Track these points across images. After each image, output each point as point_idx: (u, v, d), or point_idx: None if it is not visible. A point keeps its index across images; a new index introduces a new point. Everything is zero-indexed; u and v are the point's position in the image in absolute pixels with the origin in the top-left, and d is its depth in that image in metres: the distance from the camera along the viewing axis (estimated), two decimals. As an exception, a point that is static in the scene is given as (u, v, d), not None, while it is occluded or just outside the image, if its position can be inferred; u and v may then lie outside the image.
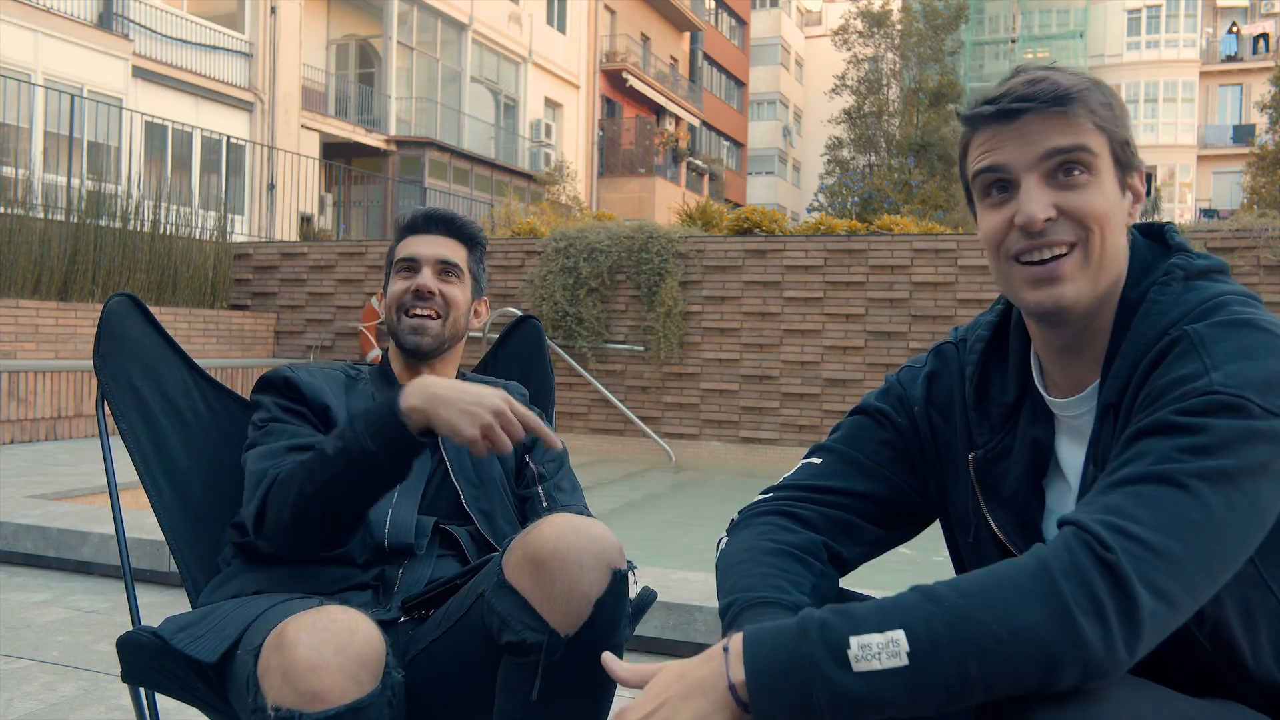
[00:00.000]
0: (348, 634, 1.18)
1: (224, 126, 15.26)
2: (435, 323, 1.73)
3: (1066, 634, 0.85)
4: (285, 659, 1.15)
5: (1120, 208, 1.09)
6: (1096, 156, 1.07)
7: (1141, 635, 0.87)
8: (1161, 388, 0.98)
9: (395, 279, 1.76)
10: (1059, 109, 1.06)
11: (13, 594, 3.56)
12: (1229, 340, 0.98)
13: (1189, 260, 1.09)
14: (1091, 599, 0.86)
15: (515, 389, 1.87)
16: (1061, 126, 1.06)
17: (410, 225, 1.79)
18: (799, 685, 0.87)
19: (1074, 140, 1.06)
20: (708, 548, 1.25)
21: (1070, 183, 1.06)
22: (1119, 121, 1.09)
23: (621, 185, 26.93)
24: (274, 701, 1.15)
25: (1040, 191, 1.06)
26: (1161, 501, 0.90)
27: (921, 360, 1.29)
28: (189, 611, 1.49)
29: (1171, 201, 30.62)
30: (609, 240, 8.96)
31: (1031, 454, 1.14)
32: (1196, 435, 0.92)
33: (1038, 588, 0.87)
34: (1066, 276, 1.06)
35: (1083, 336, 1.10)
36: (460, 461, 1.70)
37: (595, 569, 1.31)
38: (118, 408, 1.65)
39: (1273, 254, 7.35)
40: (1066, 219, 1.06)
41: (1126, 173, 1.10)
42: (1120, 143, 1.09)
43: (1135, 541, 0.88)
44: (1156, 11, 32.56)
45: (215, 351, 9.36)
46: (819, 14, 44.99)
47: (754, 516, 1.22)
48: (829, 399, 8.33)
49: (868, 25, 23.68)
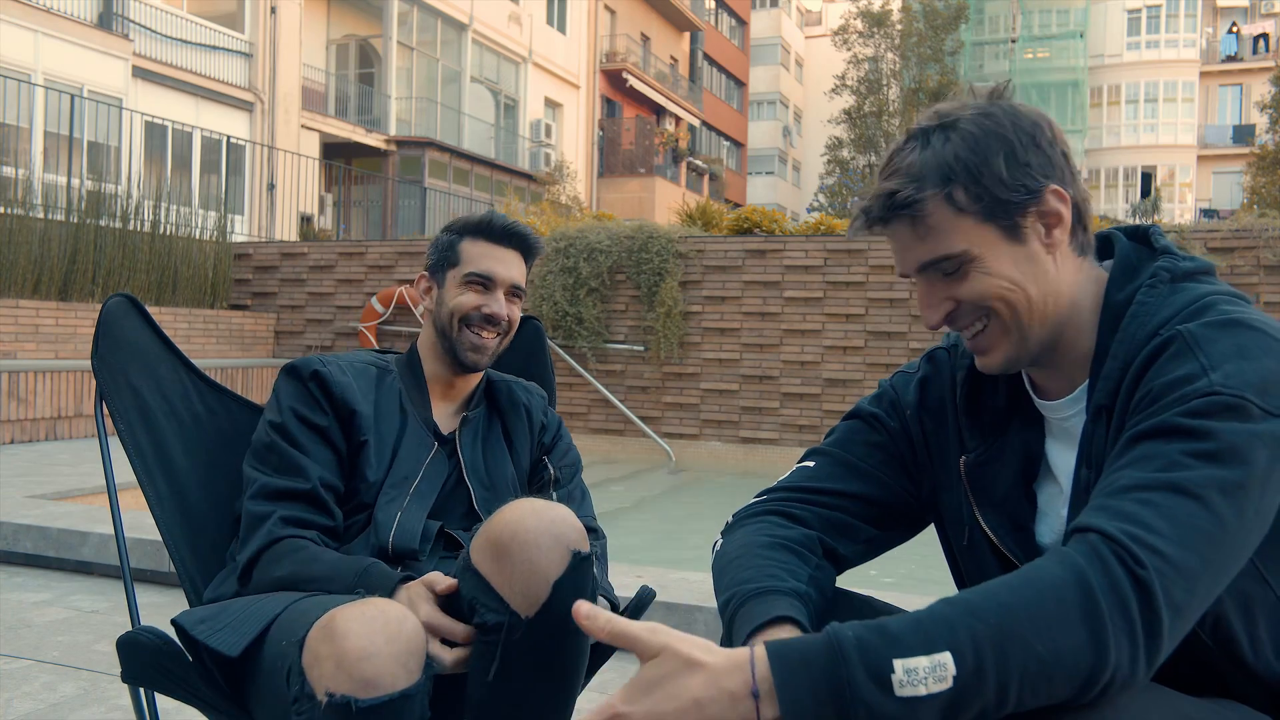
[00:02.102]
0: (397, 623, 1.21)
1: (224, 126, 15.26)
2: (495, 341, 1.74)
3: (1103, 653, 0.84)
4: (338, 647, 1.17)
5: (1022, 260, 1.07)
6: (962, 251, 1.06)
7: (1162, 651, 0.87)
8: (1160, 388, 0.97)
9: (464, 290, 1.72)
10: (908, 219, 1.07)
11: (13, 594, 3.56)
12: (1223, 340, 0.97)
13: (1174, 262, 1.09)
14: (1126, 617, 0.85)
15: (537, 391, 1.88)
16: (916, 237, 1.08)
17: (486, 230, 1.74)
18: (836, 714, 0.83)
19: (932, 252, 1.07)
20: (707, 548, 1.25)
21: (955, 277, 1.08)
22: (986, 180, 1.05)
23: (621, 185, 26.93)
24: (327, 688, 1.17)
25: (930, 293, 1.10)
26: (1177, 513, 0.89)
27: (915, 365, 1.30)
28: (202, 606, 1.49)
29: (1171, 201, 30.61)
30: (609, 240, 8.96)
31: (1022, 458, 1.15)
32: (1202, 440, 0.92)
33: (1079, 605, 0.85)
34: (992, 347, 1.10)
35: (1057, 353, 1.11)
36: (474, 462, 1.71)
37: (553, 550, 1.32)
38: (116, 408, 1.65)
39: (1273, 254, 7.35)
40: (966, 304, 1.09)
41: (1019, 216, 1.06)
42: (990, 205, 1.05)
43: (1160, 557, 0.87)
44: (1156, 11, 32.55)
45: (215, 351, 9.36)
46: (819, 14, 45.00)
47: (748, 517, 1.23)
48: (829, 399, 8.33)
49: (868, 25, 23.72)
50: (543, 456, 1.80)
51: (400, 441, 1.66)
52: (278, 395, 1.63)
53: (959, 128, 1.06)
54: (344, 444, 1.61)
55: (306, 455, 1.57)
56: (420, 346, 1.78)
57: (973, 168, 1.05)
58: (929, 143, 1.07)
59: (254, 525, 1.52)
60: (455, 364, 1.73)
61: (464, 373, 1.75)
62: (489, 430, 1.76)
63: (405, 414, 1.69)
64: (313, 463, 1.57)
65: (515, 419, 1.79)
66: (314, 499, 1.55)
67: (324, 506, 1.56)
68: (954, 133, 1.06)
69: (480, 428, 1.75)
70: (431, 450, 1.68)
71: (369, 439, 1.62)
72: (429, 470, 1.65)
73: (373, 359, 1.75)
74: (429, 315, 1.77)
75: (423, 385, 1.74)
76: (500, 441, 1.76)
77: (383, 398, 1.68)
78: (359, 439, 1.61)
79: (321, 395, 1.62)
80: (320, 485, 1.56)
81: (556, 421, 1.87)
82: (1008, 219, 1.06)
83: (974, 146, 1.05)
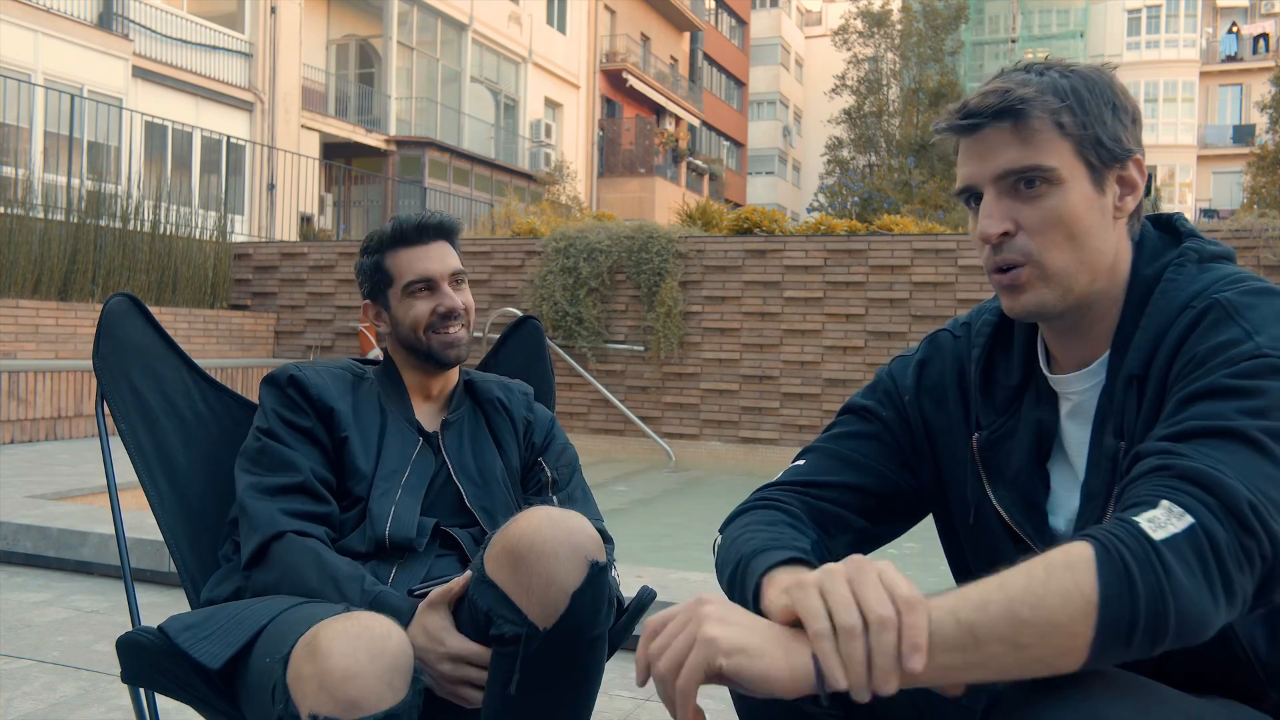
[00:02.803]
0: (381, 640, 1.19)
1: (224, 126, 15.26)
2: (464, 332, 1.75)
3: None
4: (320, 667, 1.16)
5: (1095, 208, 1.08)
6: (1053, 169, 1.06)
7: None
8: (1205, 353, 0.98)
9: (412, 300, 1.73)
10: (1011, 122, 1.07)
11: (13, 594, 3.56)
12: (1262, 305, 1.00)
13: (1201, 245, 1.11)
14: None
15: (518, 388, 1.87)
16: (1015, 141, 1.07)
17: (402, 237, 1.75)
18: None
19: (1026, 159, 1.07)
20: (707, 548, 1.25)
21: (1030, 195, 1.07)
22: (1092, 118, 1.07)
23: (621, 185, 26.93)
24: (310, 709, 1.15)
25: (997, 206, 1.08)
26: (1241, 457, 0.90)
27: (914, 350, 1.30)
28: (193, 610, 1.49)
29: (1171, 201, 30.62)
30: (609, 240, 8.96)
31: (1035, 435, 1.15)
32: (1254, 398, 0.93)
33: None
34: (1027, 286, 1.09)
35: (1085, 320, 1.12)
36: (462, 461, 1.71)
37: (571, 561, 1.32)
38: (117, 408, 1.65)
39: (1273, 254, 7.35)
40: (1025, 231, 1.08)
41: (1107, 167, 1.08)
42: (1090, 142, 1.07)
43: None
44: (1156, 11, 32.56)
45: (215, 351, 9.36)
46: (819, 14, 45.00)
47: (741, 514, 1.22)
48: (829, 399, 8.33)
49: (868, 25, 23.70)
50: (537, 458, 1.79)
51: (384, 438, 1.67)
52: (262, 404, 1.66)
53: (1078, 70, 1.09)
54: (329, 441, 1.63)
55: (296, 453, 1.59)
56: (393, 359, 1.79)
57: (1086, 102, 1.07)
58: (1045, 74, 1.09)
59: (255, 521, 1.52)
60: (433, 364, 1.74)
61: (443, 369, 1.76)
62: (475, 429, 1.77)
63: (385, 413, 1.70)
64: (304, 459, 1.59)
65: (497, 416, 1.79)
66: (310, 490, 1.56)
67: (320, 496, 1.58)
68: (1073, 73, 1.09)
69: (465, 428, 1.76)
70: (416, 445, 1.68)
71: (350, 435, 1.63)
72: (416, 465, 1.66)
73: (349, 365, 1.77)
74: (390, 337, 1.78)
75: (401, 388, 1.75)
76: (488, 439, 1.76)
77: (360, 399, 1.70)
78: (340, 435, 1.63)
79: (300, 398, 1.64)
80: (314, 477, 1.58)
81: (547, 419, 1.86)
82: (1099, 163, 1.08)
83: (1090, 87, 1.08)
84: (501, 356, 2.12)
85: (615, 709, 2.56)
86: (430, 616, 1.41)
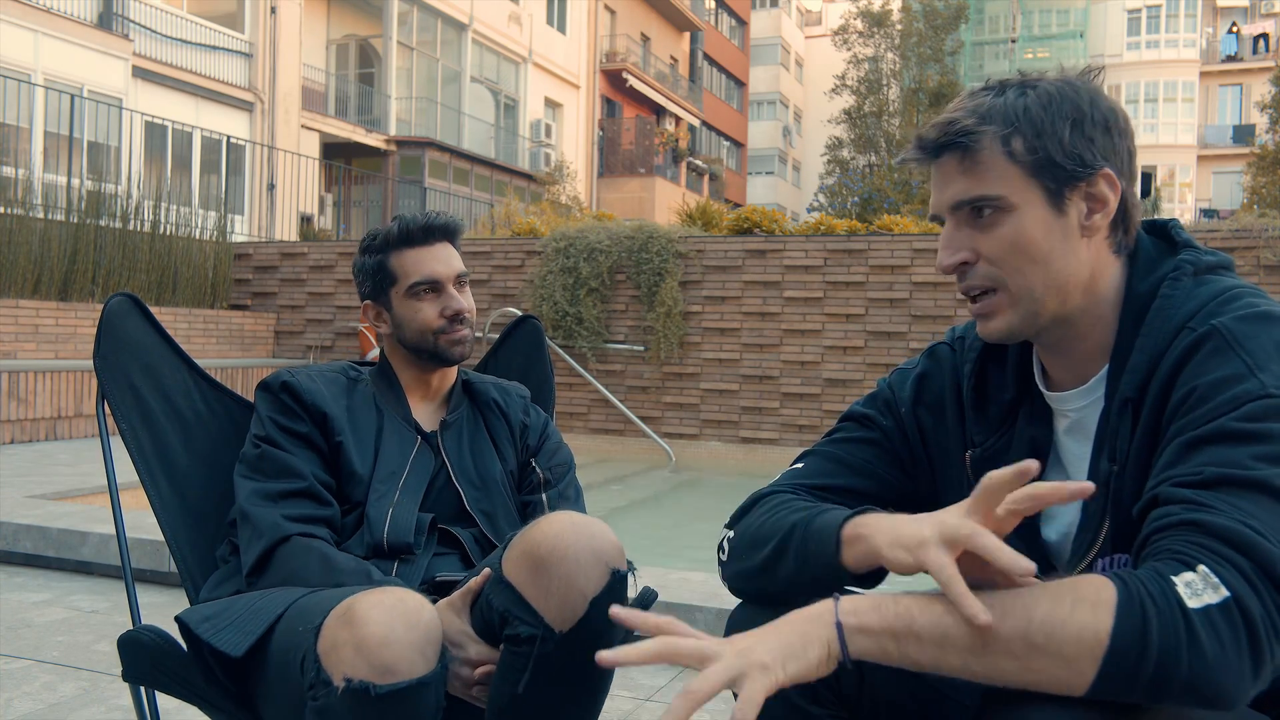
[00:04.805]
0: (415, 612, 1.22)
1: (224, 126, 15.26)
2: (468, 331, 1.75)
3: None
4: (358, 633, 1.18)
5: (1054, 230, 1.06)
6: (1001, 197, 1.06)
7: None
8: (1205, 388, 0.97)
9: (418, 302, 1.72)
10: (959, 153, 1.07)
11: (13, 594, 3.56)
12: (1261, 335, 0.98)
13: (1197, 256, 1.10)
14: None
15: (516, 390, 1.87)
16: (961, 172, 1.07)
17: (407, 237, 1.75)
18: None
19: (972, 190, 1.07)
20: (708, 548, 1.25)
21: (984, 223, 1.07)
22: (1045, 139, 1.05)
23: (621, 185, 26.93)
24: (345, 673, 1.17)
25: (955, 236, 1.09)
26: (1263, 504, 0.89)
27: (914, 362, 1.29)
28: (207, 604, 1.49)
29: (1171, 201, 30.60)
30: (609, 240, 8.96)
31: (1029, 452, 1.14)
32: (1267, 443, 0.92)
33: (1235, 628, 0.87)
34: (995, 313, 1.09)
35: (1068, 338, 1.11)
36: (461, 463, 1.71)
37: (593, 567, 1.32)
38: (118, 408, 1.65)
39: (1273, 254, 7.35)
40: (985, 259, 1.08)
41: (1067, 186, 1.06)
42: (1044, 164, 1.05)
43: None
44: (1156, 11, 32.55)
45: (215, 351, 9.36)
46: (819, 14, 44.99)
47: (754, 505, 1.22)
48: (829, 399, 8.33)
49: (868, 25, 23.72)
50: (530, 459, 1.79)
51: (380, 438, 1.67)
52: (257, 412, 1.66)
53: (1038, 87, 1.08)
54: (325, 446, 1.63)
55: (296, 458, 1.59)
56: (390, 358, 1.79)
57: (1038, 123, 1.06)
58: (1004, 93, 1.08)
59: (259, 527, 1.52)
60: (436, 361, 1.74)
61: (443, 366, 1.75)
62: (474, 430, 1.76)
63: (381, 413, 1.70)
64: (303, 463, 1.59)
65: (494, 419, 1.79)
66: (313, 494, 1.57)
67: (323, 499, 1.58)
68: (1031, 90, 1.08)
69: (464, 429, 1.76)
70: (415, 444, 1.68)
71: (344, 439, 1.63)
72: (415, 464, 1.66)
73: (344, 368, 1.77)
74: (390, 338, 1.77)
75: (398, 388, 1.75)
76: (486, 440, 1.76)
77: (355, 402, 1.70)
78: (335, 439, 1.63)
79: (294, 403, 1.64)
80: (315, 480, 1.58)
81: (542, 421, 1.85)
82: (1055, 185, 1.06)
83: (1046, 105, 1.06)
84: (501, 356, 2.12)
85: (615, 709, 2.56)
86: (450, 618, 1.41)
